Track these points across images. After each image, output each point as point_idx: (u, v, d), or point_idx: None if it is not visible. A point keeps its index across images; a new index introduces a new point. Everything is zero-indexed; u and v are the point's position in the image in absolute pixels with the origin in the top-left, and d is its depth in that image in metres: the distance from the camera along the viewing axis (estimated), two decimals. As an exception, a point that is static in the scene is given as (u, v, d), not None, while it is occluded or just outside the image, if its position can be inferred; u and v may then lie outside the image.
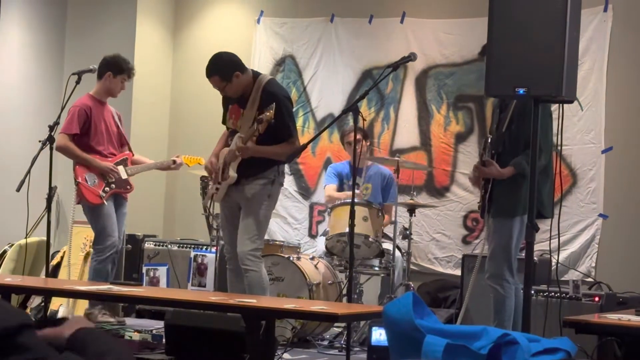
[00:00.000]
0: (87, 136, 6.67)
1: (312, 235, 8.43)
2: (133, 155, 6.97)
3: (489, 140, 5.45)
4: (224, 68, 5.80)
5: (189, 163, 7.17)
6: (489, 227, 5.58)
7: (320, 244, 7.31)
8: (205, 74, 5.84)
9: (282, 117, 5.69)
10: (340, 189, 7.43)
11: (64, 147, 6.54)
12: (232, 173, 5.82)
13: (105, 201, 6.63)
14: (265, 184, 5.79)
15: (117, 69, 6.75)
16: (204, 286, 7.26)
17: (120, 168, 6.77)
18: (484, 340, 2.75)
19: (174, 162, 7.01)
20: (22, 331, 1.61)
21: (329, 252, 6.94)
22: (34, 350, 1.61)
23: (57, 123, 6.33)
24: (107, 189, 6.67)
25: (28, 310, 6.33)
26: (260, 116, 5.62)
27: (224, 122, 6.05)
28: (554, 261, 6.31)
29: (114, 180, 6.69)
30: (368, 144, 7.57)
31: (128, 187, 6.82)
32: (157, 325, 6.24)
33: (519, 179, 5.41)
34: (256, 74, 5.90)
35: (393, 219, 6.92)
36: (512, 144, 5.43)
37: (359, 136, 5.68)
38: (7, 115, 8.47)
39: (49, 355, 1.62)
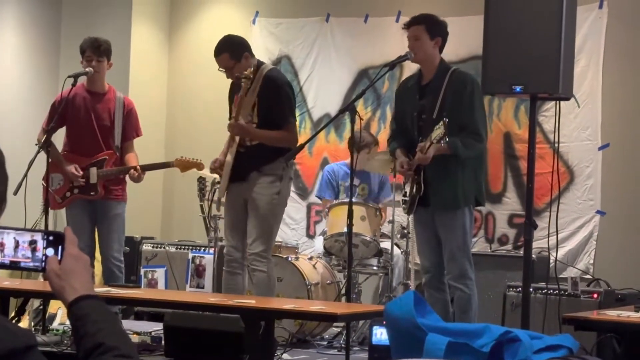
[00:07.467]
0: (66, 129, 6.30)
1: (310, 236, 8.42)
2: (117, 155, 6.26)
3: (446, 122, 5.05)
4: (235, 46, 5.70)
5: (183, 169, 6.37)
6: (420, 221, 5.50)
7: (318, 244, 7.30)
8: (213, 54, 5.69)
9: (281, 103, 5.61)
10: (335, 194, 7.34)
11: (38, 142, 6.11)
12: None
13: (63, 207, 6.24)
14: (273, 181, 5.60)
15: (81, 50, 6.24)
16: (202, 287, 7.25)
17: (92, 170, 6.15)
18: (486, 337, 2.75)
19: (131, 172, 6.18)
20: (28, 353, 1.61)
21: (327, 252, 6.94)
22: None
23: (53, 126, 6.25)
24: (68, 193, 6.22)
25: (27, 314, 6.29)
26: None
27: (231, 118, 5.82)
28: (552, 258, 6.31)
29: (78, 184, 6.14)
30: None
31: (92, 193, 6.15)
32: (156, 327, 6.23)
33: (453, 166, 5.26)
34: (260, 63, 5.81)
35: (390, 218, 6.90)
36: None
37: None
38: (3, 117, 8.45)
39: None
